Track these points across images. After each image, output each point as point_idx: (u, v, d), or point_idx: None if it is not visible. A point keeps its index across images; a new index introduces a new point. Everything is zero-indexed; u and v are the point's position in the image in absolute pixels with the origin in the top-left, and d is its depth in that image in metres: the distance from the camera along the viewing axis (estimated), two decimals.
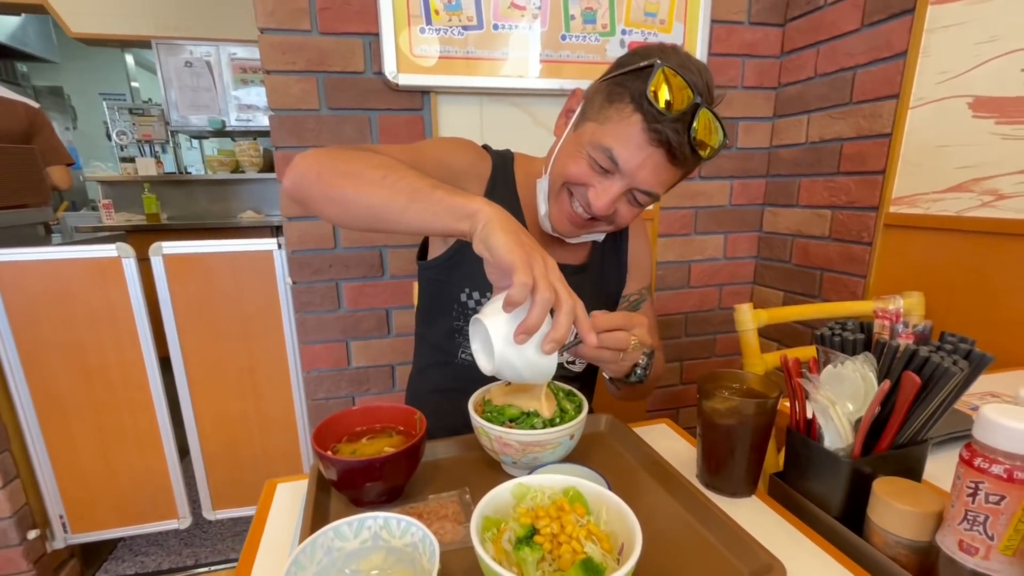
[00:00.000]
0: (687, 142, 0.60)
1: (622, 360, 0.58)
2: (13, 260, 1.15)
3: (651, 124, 0.59)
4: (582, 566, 0.36)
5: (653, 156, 0.61)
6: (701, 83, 0.60)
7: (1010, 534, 0.36)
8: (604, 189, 0.64)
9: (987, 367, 0.46)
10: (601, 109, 0.64)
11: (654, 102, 0.58)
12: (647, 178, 0.63)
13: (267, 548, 0.49)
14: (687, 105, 0.58)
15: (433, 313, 0.80)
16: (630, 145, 0.61)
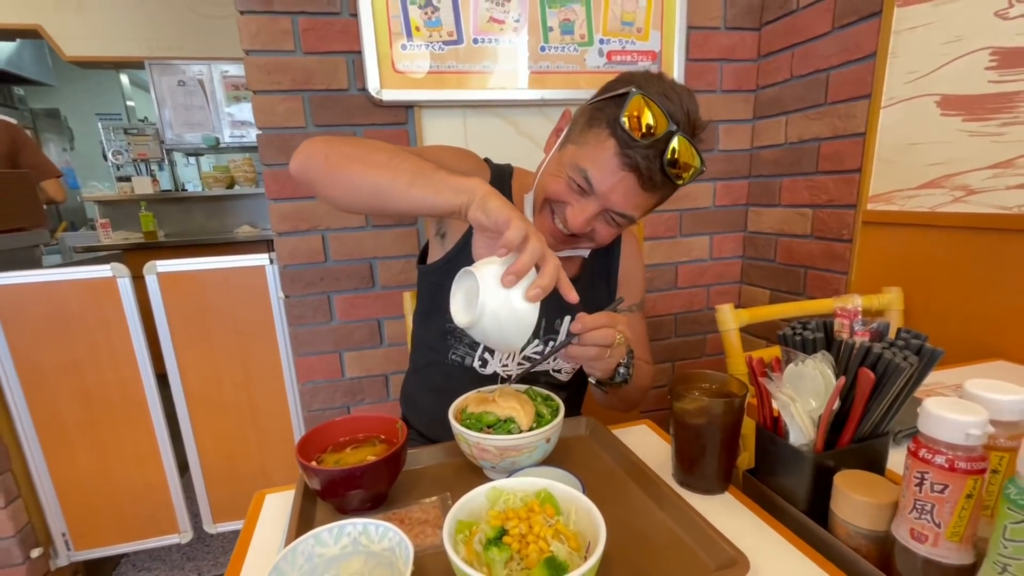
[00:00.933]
0: (659, 168, 0.62)
1: (608, 357, 0.61)
2: (11, 283, 1.17)
3: (623, 149, 0.62)
4: (546, 564, 0.38)
5: (625, 180, 0.64)
6: (679, 111, 0.62)
7: (955, 521, 0.38)
8: (581, 208, 0.66)
9: (938, 361, 0.47)
10: (582, 132, 0.67)
11: (627, 128, 0.60)
12: (619, 201, 0.65)
13: (254, 558, 0.50)
14: (661, 132, 0.61)
15: (429, 315, 0.84)
16: (604, 169, 0.64)
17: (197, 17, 2.89)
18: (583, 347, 0.59)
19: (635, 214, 0.67)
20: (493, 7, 1.18)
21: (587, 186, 0.65)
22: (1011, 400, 0.38)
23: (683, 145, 0.62)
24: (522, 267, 0.48)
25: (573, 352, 0.60)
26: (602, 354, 0.60)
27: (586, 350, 0.59)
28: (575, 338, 0.59)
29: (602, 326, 0.59)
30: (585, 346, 0.59)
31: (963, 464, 0.37)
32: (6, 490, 1.20)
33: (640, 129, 0.60)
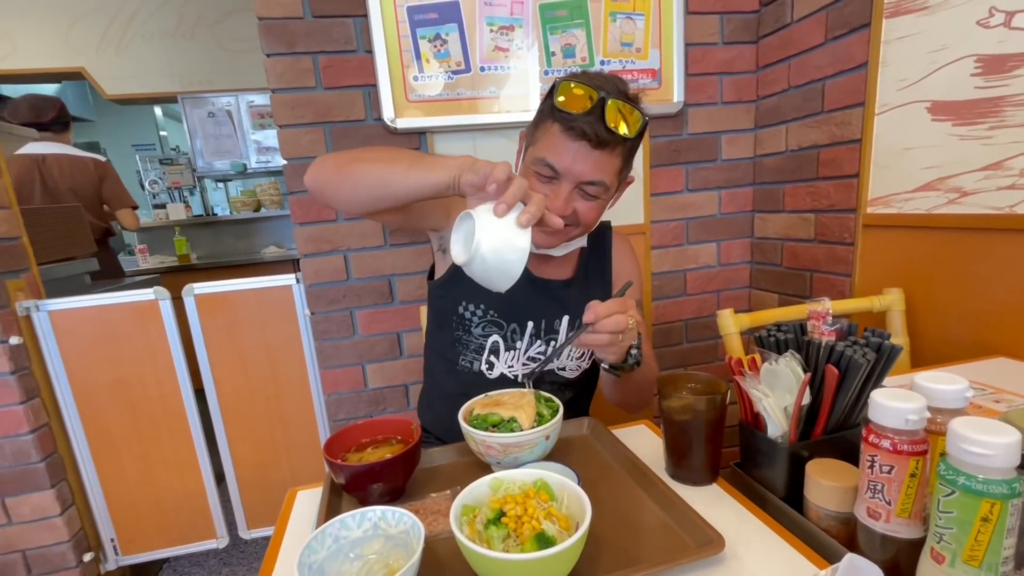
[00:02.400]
0: (604, 128, 0.69)
1: (620, 342, 0.65)
2: (67, 308, 1.28)
3: (567, 125, 0.70)
4: (536, 538, 0.43)
5: (578, 149, 0.71)
6: (605, 83, 0.72)
7: (903, 499, 0.42)
8: (555, 193, 0.73)
9: (898, 357, 0.52)
10: (532, 135, 0.77)
11: (563, 108, 0.69)
12: (583, 170, 0.72)
13: (289, 542, 0.57)
14: (594, 100, 0.69)
15: (439, 326, 0.91)
16: (557, 148, 0.71)
17: (224, 52, 3.07)
18: (596, 335, 0.64)
19: (602, 177, 0.73)
20: (498, 37, 1.26)
21: (551, 171, 0.73)
22: (947, 389, 0.42)
23: (617, 104, 0.69)
24: (511, 196, 0.56)
25: (587, 340, 0.64)
26: (615, 340, 0.64)
27: (599, 337, 0.64)
28: (588, 327, 0.64)
29: (613, 313, 0.63)
30: (599, 334, 0.64)
31: (906, 447, 0.41)
32: (62, 498, 1.30)
33: (571, 103, 0.69)
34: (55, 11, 2.81)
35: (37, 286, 1.32)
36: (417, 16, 1.22)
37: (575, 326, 0.86)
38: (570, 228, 0.78)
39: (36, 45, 2.83)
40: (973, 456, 0.35)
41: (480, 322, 0.85)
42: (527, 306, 0.85)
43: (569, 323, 0.86)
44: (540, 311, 0.86)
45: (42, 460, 1.26)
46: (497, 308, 0.85)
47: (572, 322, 0.86)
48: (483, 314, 0.85)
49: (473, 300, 0.85)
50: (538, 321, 0.85)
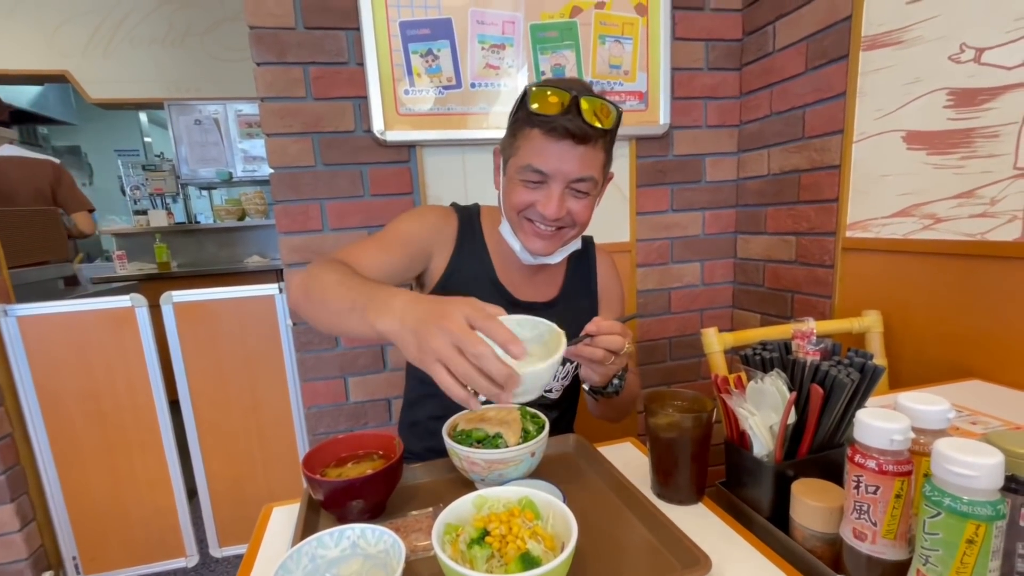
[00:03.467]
0: (582, 123, 0.69)
1: (611, 363, 0.66)
2: (36, 314, 1.24)
3: (547, 128, 0.71)
4: (521, 559, 0.42)
5: (562, 148, 0.71)
6: (574, 84, 0.74)
7: (888, 519, 0.42)
8: (547, 196, 0.74)
9: (881, 377, 0.52)
10: (511, 146, 0.77)
11: (540, 112, 0.70)
12: (571, 168, 0.72)
13: (262, 563, 0.55)
14: (568, 100, 0.69)
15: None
16: (542, 152, 0.72)
17: (214, 61, 3.06)
18: (593, 348, 0.64)
19: (591, 172, 0.74)
20: (489, 54, 1.28)
21: (540, 176, 0.73)
22: (930, 410, 0.43)
23: (592, 100, 0.70)
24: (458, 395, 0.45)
25: (583, 351, 0.65)
26: (607, 358, 0.65)
27: (595, 351, 0.64)
28: (588, 338, 0.64)
29: (614, 332, 0.64)
30: (595, 348, 0.64)
31: (891, 467, 0.41)
32: (22, 513, 1.24)
33: (546, 107, 0.70)
34: (42, 12, 2.78)
35: (6, 290, 1.28)
36: (410, 31, 1.23)
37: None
38: (566, 230, 0.79)
39: (19, 46, 2.78)
40: (958, 477, 0.36)
41: None
42: None
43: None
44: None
45: (2, 472, 1.20)
46: None
47: None
48: None
49: None
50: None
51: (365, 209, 1.29)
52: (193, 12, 2.97)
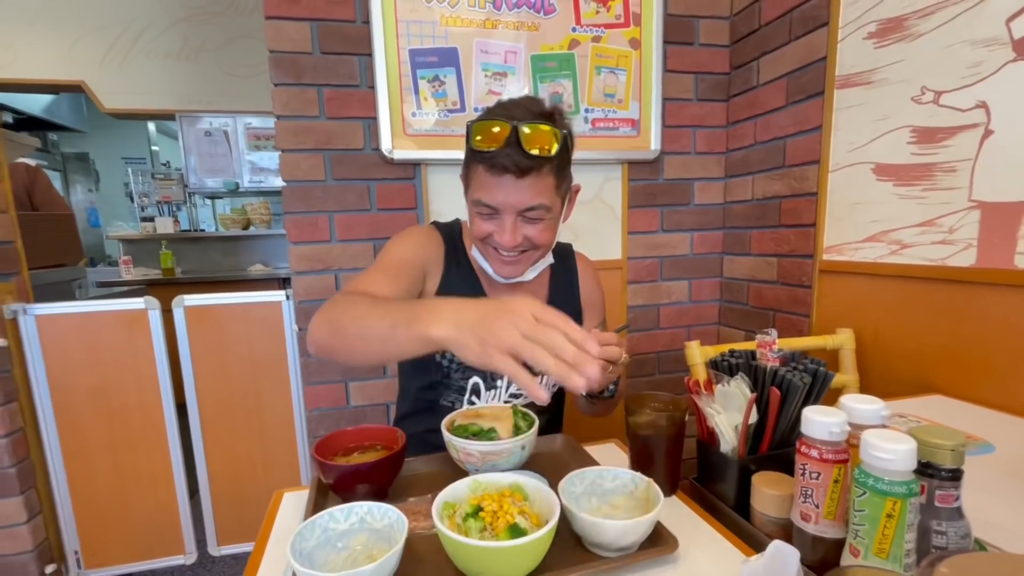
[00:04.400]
0: (522, 156, 0.71)
1: (609, 372, 0.70)
2: (53, 313, 1.30)
3: (488, 163, 0.73)
4: (509, 530, 0.49)
5: (505, 183, 0.73)
6: (517, 110, 0.74)
7: (828, 502, 0.49)
8: (501, 227, 0.77)
9: (831, 382, 0.59)
10: (465, 178, 0.81)
11: (480, 148, 0.72)
12: (518, 199, 0.74)
13: (275, 540, 0.61)
14: (507, 132, 0.70)
15: (416, 368, 0.92)
16: (487, 187, 0.74)
17: (225, 75, 3.16)
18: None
19: (539, 201, 0.75)
20: (491, 81, 1.37)
21: (490, 209, 0.76)
22: (866, 408, 0.50)
23: (530, 128, 0.70)
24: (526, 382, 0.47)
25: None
26: (606, 368, 0.68)
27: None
28: None
29: (612, 344, 0.67)
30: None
31: (830, 455, 0.48)
32: (29, 506, 1.29)
33: (486, 142, 0.71)
34: (62, 24, 2.88)
35: (26, 290, 1.34)
36: (418, 59, 1.32)
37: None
38: (530, 252, 0.82)
39: (38, 56, 2.88)
40: (879, 461, 0.42)
41: (459, 367, 0.88)
42: None
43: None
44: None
45: (13, 465, 1.25)
46: None
47: None
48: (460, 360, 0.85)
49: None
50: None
51: (371, 222, 1.36)
52: (208, 29, 3.08)
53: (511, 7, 1.36)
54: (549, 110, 0.76)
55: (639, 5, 1.44)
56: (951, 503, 0.44)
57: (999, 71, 0.91)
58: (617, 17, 1.44)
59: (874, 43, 1.12)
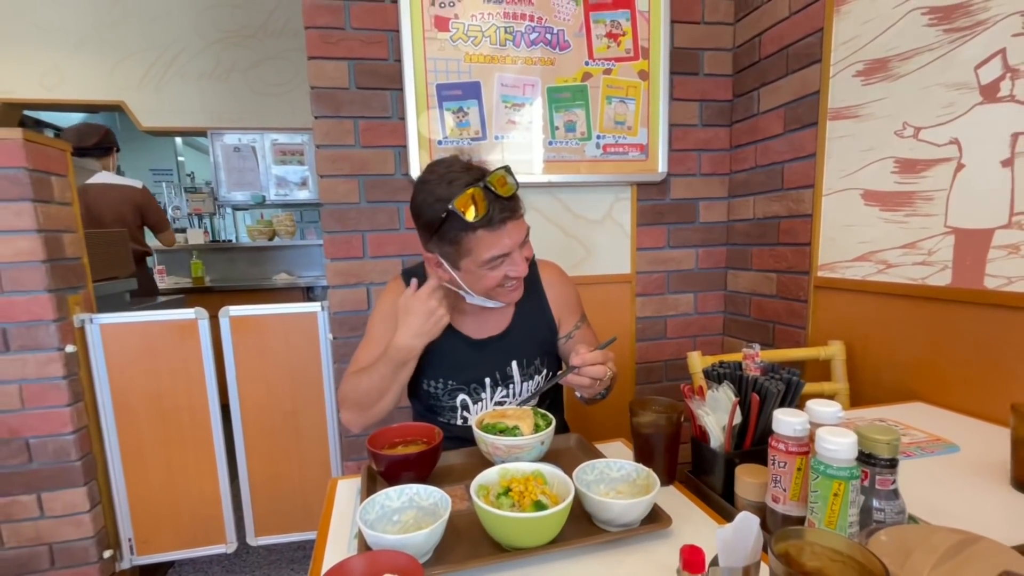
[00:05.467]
0: (506, 201, 0.83)
1: (598, 384, 0.82)
2: (115, 322, 1.44)
3: (485, 224, 0.81)
4: (534, 504, 0.60)
5: (507, 229, 0.83)
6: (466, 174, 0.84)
7: (793, 486, 0.60)
8: (513, 263, 0.87)
9: (802, 389, 0.70)
10: (456, 252, 0.85)
11: (470, 217, 0.80)
12: (519, 234, 0.86)
13: (337, 517, 0.73)
14: (485, 193, 0.80)
15: (414, 390, 1.04)
16: (498, 242, 0.83)
17: (254, 94, 3.34)
18: (580, 377, 0.80)
19: (527, 226, 0.88)
20: (511, 112, 1.50)
21: (502, 256, 0.85)
22: (824, 411, 0.60)
23: (491, 178, 0.81)
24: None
25: (572, 380, 0.81)
26: (594, 384, 0.81)
27: (582, 380, 0.80)
28: (575, 369, 0.81)
29: (597, 363, 0.79)
30: (582, 377, 0.80)
31: (794, 448, 0.59)
32: (92, 496, 1.42)
33: (472, 207, 0.79)
34: (104, 49, 3.08)
35: (91, 301, 1.49)
36: (444, 92, 1.45)
37: (523, 366, 0.99)
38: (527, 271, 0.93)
39: (82, 78, 3.08)
40: (828, 452, 0.53)
41: (445, 391, 0.99)
42: (478, 366, 0.98)
43: (518, 364, 0.99)
44: (490, 366, 0.98)
45: (79, 459, 1.39)
46: (454, 377, 0.98)
47: (520, 363, 0.99)
48: (444, 384, 0.98)
49: (433, 377, 0.98)
50: (492, 374, 0.98)
51: (400, 240, 1.49)
52: (238, 51, 3.26)
53: (529, 44, 1.49)
54: (468, 161, 0.88)
55: (647, 40, 1.57)
56: (888, 486, 0.55)
57: (969, 112, 1.01)
58: (627, 51, 1.56)
59: (862, 80, 1.23)
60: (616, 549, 0.63)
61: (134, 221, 2.52)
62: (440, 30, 1.42)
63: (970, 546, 0.49)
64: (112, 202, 2.45)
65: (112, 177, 2.51)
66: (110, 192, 2.47)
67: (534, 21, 1.48)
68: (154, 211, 2.63)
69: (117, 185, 2.50)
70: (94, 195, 2.41)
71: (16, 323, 1.30)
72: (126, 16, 3.07)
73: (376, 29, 1.41)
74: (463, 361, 0.98)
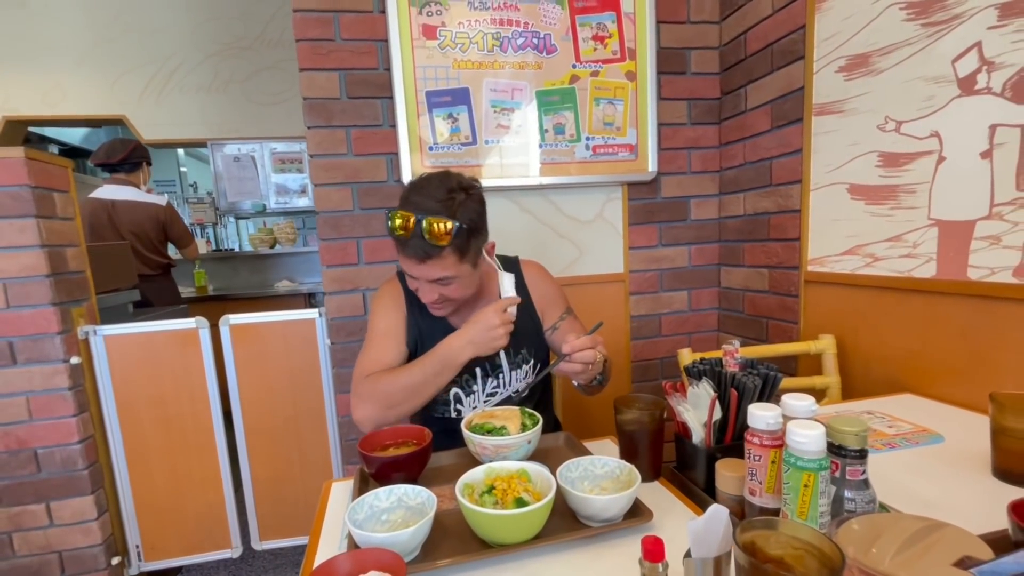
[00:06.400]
0: (425, 244, 0.86)
1: (590, 371, 0.85)
2: (119, 333, 1.48)
3: (401, 248, 0.90)
4: (516, 501, 0.62)
5: (413, 263, 0.90)
6: (426, 200, 0.88)
7: (768, 479, 0.61)
8: (420, 289, 0.95)
9: (779, 383, 0.72)
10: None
11: (394, 234, 0.88)
12: (426, 274, 0.91)
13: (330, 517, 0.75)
14: (412, 224, 0.85)
15: None
16: (404, 263, 0.92)
17: (252, 104, 3.37)
18: (572, 364, 0.83)
19: (444, 274, 0.90)
20: (500, 116, 1.52)
21: (412, 276, 0.94)
22: (797, 404, 0.62)
23: (431, 222, 0.84)
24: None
25: (564, 368, 0.84)
26: (586, 369, 0.84)
27: (573, 367, 0.84)
28: (566, 357, 0.83)
29: (586, 347, 0.82)
30: (573, 364, 0.83)
31: (768, 441, 0.61)
32: (99, 504, 1.46)
33: (397, 229, 0.87)
34: (104, 65, 3.12)
35: (94, 313, 1.52)
36: (434, 99, 1.47)
37: (510, 355, 1.04)
38: (447, 303, 0.98)
39: (84, 94, 3.12)
40: (797, 444, 0.55)
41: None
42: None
43: (506, 353, 1.04)
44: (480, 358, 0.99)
45: (86, 468, 1.42)
46: None
47: (508, 352, 1.04)
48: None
49: None
50: (482, 365, 1.04)
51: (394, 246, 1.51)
52: (235, 62, 3.30)
53: (516, 49, 1.51)
54: (453, 196, 0.89)
55: (634, 41, 1.58)
56: (858, 476, 0.57)
57: (948, 105, 1.02)
58: (614, 53, 1.58)
59: (844, 76, 1.24)
60: (599, 544, 0.65)
61: (157, 237, 2.63)
62: (428, 38, 1.45)
63: (934, 532, 0.50)
64: (137, 219, 2.54)
65: (138, 194, 2.59)
66: (135, 209, 2.56)
67: (521, 26, 1.50)
68: (177, 226, 2.73)
69: (142, 202, 2.59)
70: (120, 212, 2.51)
71: (23, 336, 1.33)
72: (125, 32, 3.12)
73: (365, 39, 1.43)
74: None
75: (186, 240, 2.81)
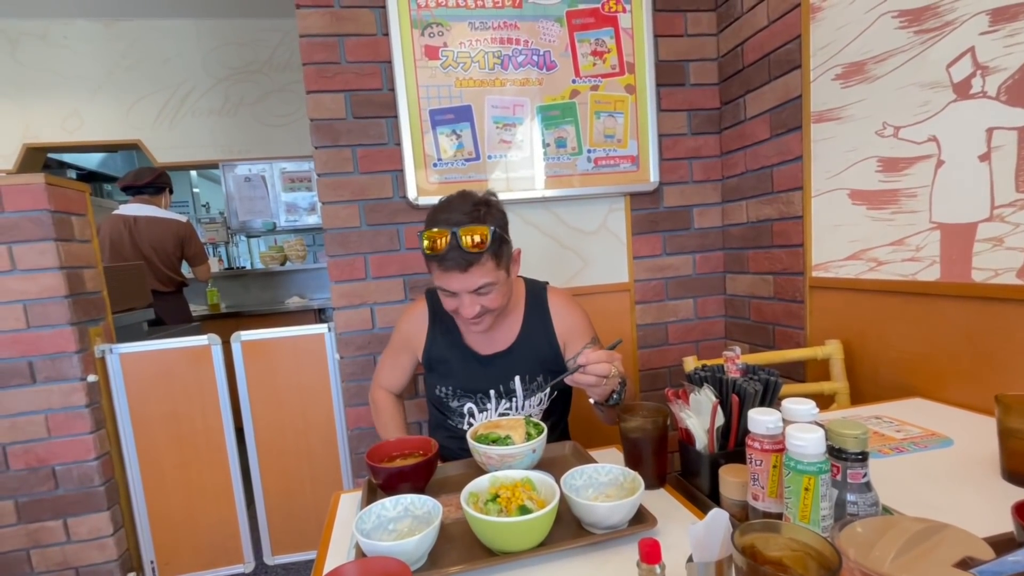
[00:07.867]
0: (464, 254, 0.89)
1: (604, 385, 0.85)
2: (134, 351, 1.51)
3: (439, 265, 0.92)
4: (520, 509, 0.63)
5: (453, 276, 0.92)
6: (454, 214, 0.91)
7: (770, 483, 0.62)
8: (460, 304, 0.95)
9: (780, 388, 0.72)
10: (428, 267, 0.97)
11: (430, 254, 0.91)
12: (468, 284, 0.92)
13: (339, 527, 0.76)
14: (447, 238, 0.88)
15: (428, 398, 1.16)
16: (444, 280, 0.93)
17: (262, 126, 3.46)
18: (585, 376, 0.83)
19: (485, 280, 0.92)
20: (502, 132, 1.55)
21: (450, 292, 0.95)
22: (797, 408, 0.62)
23: (466, 231, 0.88)
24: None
25: (577, 379, 0.84)
26: (600, 382, 0.83)
27: (587, 378, 0.83)
28: (580, 368, 0.83)
29: (601, 361, 0.83)
30: (587, 375, 0.83)
31: (769, 446, 0.61)
32: (115, 520, 1.48)
33: (434, 248, 0.90)
34: (120, 92, 3.23)
35: (111, 332, 1.56)
36: (437, 117, 1.51)
37: (525, 381, 1.07)
38: (487, 316, 0.99)
39: (101, 121, 3.23)
40: (797, 448, 0.55)
41: (453, 396, 1.09)
42: (484, 380, 1.08)
43: (521, 379, 1.07)
44: (495, 380, 1.08)
45: (102, 484, 1.44)
46: (462, 386, 1.08)
47: (523, 378, 1.07)
48: (453, 391, 1.09)
49: (443, 383, 1.10)
50: (496, 387, 1.08)
51: (400, 261, 1.54)
52: (245, 86, 3.39)
53: (517, 66, 1.54)
54: (478, 207, 0.93)
55: (632, 55, 1.61)
56: (860, 479, 0.57)
57: (944, 109, 1.03)
58: (613, 67, 1.61)
59: (841, 84, 1.25)
60: (603, 551, 0.65)
61: (175, 252, 2.72)
62: (431, 59, 1.48)
63: (936, 533, 0.50)
64: (157, 234, 2.64)
65: (159, 211, 2.70)
66: (156, 224, 2.66)
67: (521, 44, 1.54)
68: (195, 244, 2.81)
69: (163, 218, 2.69)
70: (141, 227, 2.61)
71: (42, 356, 1.37)
72: (140, 61, 3.22)
73: (370, 61, 1.47)
74: (471, 374, 1.08)
75: (201, 258, 2.88)
